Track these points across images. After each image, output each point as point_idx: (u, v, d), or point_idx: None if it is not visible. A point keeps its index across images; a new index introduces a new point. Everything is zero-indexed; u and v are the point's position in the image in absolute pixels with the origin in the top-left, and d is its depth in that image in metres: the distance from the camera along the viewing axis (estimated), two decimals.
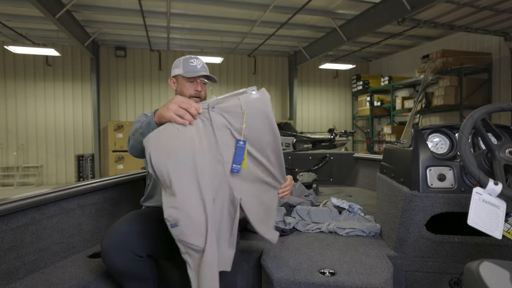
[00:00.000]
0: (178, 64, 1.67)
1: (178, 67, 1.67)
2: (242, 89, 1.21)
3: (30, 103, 8.63)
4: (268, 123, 1.20)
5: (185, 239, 1.08)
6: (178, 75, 1.67)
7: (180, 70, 1.65)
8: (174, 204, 1.08)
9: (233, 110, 1.18)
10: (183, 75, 1.64)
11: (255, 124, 1.18)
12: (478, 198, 0.99)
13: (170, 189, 1.09)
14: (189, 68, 1.64)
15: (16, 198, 1.33)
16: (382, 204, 1.71)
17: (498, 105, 1.09)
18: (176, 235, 1.09)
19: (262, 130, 1.20)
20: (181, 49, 9.54)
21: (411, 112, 2.07)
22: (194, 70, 1.64)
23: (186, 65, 1.65)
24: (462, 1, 6.04)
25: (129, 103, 9.38)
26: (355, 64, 9.97)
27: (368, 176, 3.07)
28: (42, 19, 6.44)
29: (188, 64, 1.65)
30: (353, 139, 10.97)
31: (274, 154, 1.26)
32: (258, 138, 1.20)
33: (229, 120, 1.18)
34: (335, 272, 1.30)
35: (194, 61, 1.67)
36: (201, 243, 1.08)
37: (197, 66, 1.66)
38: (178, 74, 1.66)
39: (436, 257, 1.45)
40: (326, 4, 6.43)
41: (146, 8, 6.33)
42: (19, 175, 8.54)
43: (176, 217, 1.07)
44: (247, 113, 1.17)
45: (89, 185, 1.69)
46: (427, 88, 7.80)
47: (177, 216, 1.07)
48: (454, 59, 7.04)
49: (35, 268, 1.39)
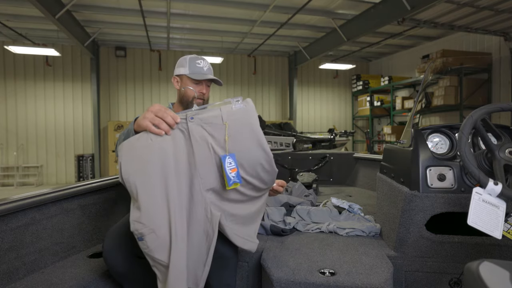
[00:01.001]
0: (184, 63, 1.63)
1: (183, 66, 1.63)
2: (228, 99, 1.14)
3: (30, 103, 8.63)
4: (254, 136, 1.10)
5: (150, 253, 1.06)
6: (183, 74, 1.63)
7: (186, 70, 1.62)
8: (138, 219, 1.04)
9: (214, 121, 1.09)
10: (188, 76, 1.61)
11: (239, 137, 1.09)
12: (478, 198, 0.99)
13: (137, 202, 1.05)
14: (195, 69, 1.62)
15: (16, 198, 1.33)
16: (382, 204, 1.71)
17: (498, 105, 1.09)
18: (142, 249, 1.07)
19: (248, 145, 1.10)
20: (181, 49, 9.54)
21: (411, 112, 2.07)
22: (201, 72, 1.62)
23: (193, 65, 1.62)
24: (462, 1, 6.04)
25: (129, 103, 9.38)
26: (355, 64, 9.98)
27: (368, 176, 3.07)
28: (42, 19, 6.44)
29: (194, 64, 1.62)
30: (353, 139, 10.97)
31: (268, 175, 1.17)
32: (244, 154, 1.11)
33: (210, 132, 1.09)
34: (335, 272, 1.30)
35: (201, 62, 1.63)
36: (165, 259, 1.05)
37: (204, 68, 1.63)
38: (183, 73, 1.63)
39: (436, 257, 1.45)
40: (326, 4, 6.43)
41: (146, 8, 6.33)
42: (19, 175, 8.54)
43: (142, 231, 1.04)
44: (229, 125, 1.08)
45: (89, 185, 1.69)
46: (427, 88, 7.80)
47: (142, 230, 1.04)
48: (454, 59, 7.05)
49: (35, 268, 1.39)
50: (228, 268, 1.34)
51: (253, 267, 1.54)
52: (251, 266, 1.54)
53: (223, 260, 1.32)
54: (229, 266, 1.34)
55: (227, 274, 1.35)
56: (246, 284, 1.54)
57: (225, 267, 1.33)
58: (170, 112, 1.11)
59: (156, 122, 1.10)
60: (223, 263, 1.32)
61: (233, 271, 1.38)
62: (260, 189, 1.22)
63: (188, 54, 7.79)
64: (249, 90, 10.35)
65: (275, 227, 1.73)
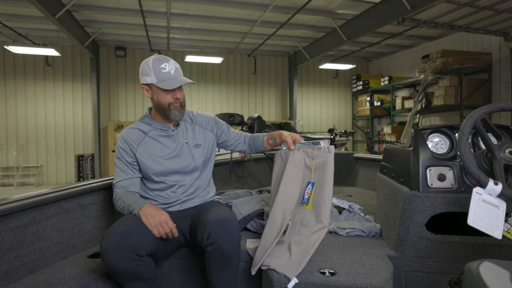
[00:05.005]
0: (148, 71, 1.47)
1: (148, 74, 1.47)
2: (319, 141, 1.54)
3: (30, 103, 8.63)
4: (329, 177, 1.49)
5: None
6: (151, 83, 1.49)
7: (153, 78, 1.46)
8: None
9: (310, 154, 1.54)
10: (156, 85, 1.47)
11: (320, 171, 1.50)
12: (478, 198, 0.99)
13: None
14: (163, 76, 1.46)
15: (16, 198, 1.33)
16: (382, 204, 1.71)
17: (498, 105, 1.09)
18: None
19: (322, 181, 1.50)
20: (181, 49, 9.54)
21: (411, 112, 2.07)
22: (169, 78, 1.47)
23: (158, 72, 1.46)
24: (462, 1, 6.03)
25: (129, 103, 9.38)
26: (355, 64, 9.98)
27: (368, 176, 3.07)
28: (42, 19, 6.44)
29: (160, 71, 1.46)
30: (353, 139, 10.97)
31: (325, 211, 1.48)
32: (318, 187, 1.49)
33: (306, 161, 1.55)
34: (335, 272, 1.30)
35: (167, 66, 1.47)
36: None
37: (171, 72, 1.47)
38: (150, 82, 1.48)
39: (436, 257, 1.45)
40: (326, 4, 6.43)
41: (146, 8, 6.32)
42: (19, 175, 8.54)
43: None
44: (315, 162, 1.51)
45: (89, 185, 1.69)
46: (427, 88, 7.80)
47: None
48: (454, 59, 7.05)
49: (35, 268, 1.38)
50: (230, 268, 1.34)
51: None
52: (251, 266, 1.54)
53: (225, 260, 1.32)
54: (231, 266, 1.35)
55: (229, 274, 1.35)
56: (246, 284, 1.54)
57: (227, 267, 1.34)
58: (169, 226, 1.37)
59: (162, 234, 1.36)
60: (225, 263, 1.32)
61: (235, 271, 1.38)
62: (316, 221, 1.48)
63: (188, 54, 7.67)
64: (249, 90, 10.35)
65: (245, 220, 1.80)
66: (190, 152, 1.60)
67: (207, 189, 1.67)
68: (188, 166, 1.57)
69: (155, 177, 1.53)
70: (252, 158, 3.05)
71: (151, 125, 1.59)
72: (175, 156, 1.56)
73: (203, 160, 1.63)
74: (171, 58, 1.53)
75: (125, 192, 1.50)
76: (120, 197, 1.47)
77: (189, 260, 1.60)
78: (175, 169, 1.55)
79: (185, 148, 1.59)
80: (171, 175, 1.54)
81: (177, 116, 1.55)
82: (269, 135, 1.74)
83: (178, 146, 1.58)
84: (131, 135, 1.56)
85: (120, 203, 1.45)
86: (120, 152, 1.55)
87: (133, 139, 1.55)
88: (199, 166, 1.61)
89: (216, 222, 1.32)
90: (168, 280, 1.60)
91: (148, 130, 1.58)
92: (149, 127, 1.59)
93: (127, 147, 1.54)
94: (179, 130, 1.61)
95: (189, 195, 1.58)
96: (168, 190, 1.55)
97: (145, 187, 1.58)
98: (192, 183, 1.59)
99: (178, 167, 1.55)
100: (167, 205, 1.54)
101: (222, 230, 1.31)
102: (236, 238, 1.33)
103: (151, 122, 1.60)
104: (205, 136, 1.67)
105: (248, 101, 10.35)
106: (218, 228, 1.31)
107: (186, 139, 1.61)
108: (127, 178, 1.53)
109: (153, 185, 1.55)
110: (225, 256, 1.31)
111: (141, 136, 1.56)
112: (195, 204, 1.59)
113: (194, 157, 1.59)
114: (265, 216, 1.85)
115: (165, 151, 1.55)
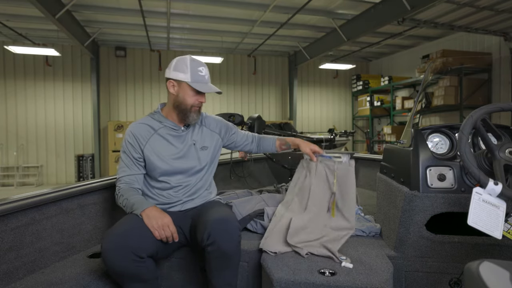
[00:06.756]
0: (184, 69, 1.49)
1: (184, 72, 1.49)
2: (339, 156, 1.74)
3: (30, 103, 8.63)
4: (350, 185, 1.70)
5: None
6: (183, 81, 1.50)
7: (187, 76, 1.49)
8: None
9: (331, 167, 1.75)
10: (190, 84, 1.50)
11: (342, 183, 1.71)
12: (478, 198, 0.99)
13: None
14: (198, 77, 1.50)
15: (16, 198, 1.33)
16: (382, 204, 1.71)
17: (498, 105, 1.09)
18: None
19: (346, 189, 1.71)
20: (181, 49, 9.54)
21: (411, 112, 2.06)
22: (203, 81, 1.52)
23: (195, 73, 1.50)
24: (462, 1, 6.03)
25: (129, 103, 9.38)
26: (355, 64, 9.97)
27: (368, 176, 3.07)
28: (42, 19, 6.43)
29: (197, 73, 1.50)
30: (353, 139, 10.97)
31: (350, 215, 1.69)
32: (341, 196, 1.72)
33: (327, 173, 1.76)
34: (335, 272, 1.30)
35: (203, 70, 1.53)
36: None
37: (205, 77, 1.53)
38: (183, 80, 1.50)
39: (436, 257, 1.45)
40: (326, 4, 6.43)
41: (146, 8, 6.32)
42: (19, 175, 8.54)
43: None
44: (337, 174, 1.71)
45: (89, 185, 1.69)
46: (427, 88, 7.80)
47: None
48: (454, 59, 7.05)
49: (35, 268, 1.38)
50: (230, 268, 1.34)
51: (253, 267, 1.54)
52: (251, 266, 1.54)
53: (225, 260, 1.32)
54: (231, 266, 1.35)
55: (229, 274, 1.35)
56: (246, 284, 1.54)
57: (227, 267, 1.34)
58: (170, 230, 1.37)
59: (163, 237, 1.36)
60: (225, 263, 1.32)
61: (235, 271, 1.38)
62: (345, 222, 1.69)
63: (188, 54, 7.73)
64: (249, 90, 10.34)
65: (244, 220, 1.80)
66: (197, 154, 1.60)
67: (209, 190, 1.68)
68: (193, 167, 1.58)
69: (159, 176, 1.53)
70: (252, 158, 3.05)
71: (162, 122, 1.58)
72: (182, 156, 1.56)
73: (208, 162, 1.64)
74: (204, 63, 1.57)
75: (129, 188, 1.49)
76: (123, 193, 1.46)
77: (189, 260, 1.60)
78: (180, 170, 1.55)
79: (192, 149, 1.59)
80: (175, 175, 1.55)
81: (194, 119, 1.57)
82: (282, 140, 1.85)
83: (185, 147, 1.58)
84: (141, 131, 1.55)
85: (123, 200, 1.44)
86: (128, 147, 1.54)
87: (142, 135, 1.54)
88: (204, 168, 1.62)
89: (216, 222, 1.32)
90: (168, 280, 1.60)
91: (158, 127, 1.57)
92: (159, 124, 1.58)
93: (135, 142, 1.53)
94: (188, 131, 1.61)
95: (190, 195, 1.58)
96: (170, 190, 1.55)
97: (147, 184, 1.57)
98: (195, 184, 1.59)
99: (184, 168, 1.55)
100: (168, 205, 1.54)
101: (222, 230, 1.31)
102: (236, 238, 1.33)
103: (162, 120, 1.59)
104: (212, 138, 1.68)
105: (248, 101, 10.35)
106: (218, 228, 1.31)
107: (194, 140, 1.61)
108: (131, 174, 1.52)
109: (156, 183, 1.55)
110: (225, 256, 1.31)
111: (150, 132, 1.56)
112: (196, 204, 1.59)
113: (200, 159, 1.60)
114: (265, 216, 1.85)
115: (172, 151, 1.55)
